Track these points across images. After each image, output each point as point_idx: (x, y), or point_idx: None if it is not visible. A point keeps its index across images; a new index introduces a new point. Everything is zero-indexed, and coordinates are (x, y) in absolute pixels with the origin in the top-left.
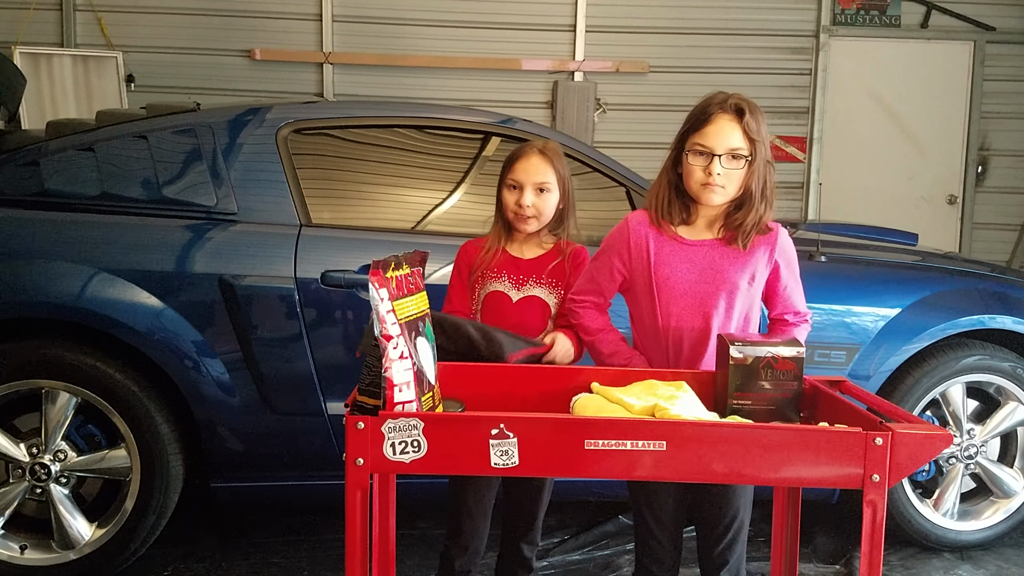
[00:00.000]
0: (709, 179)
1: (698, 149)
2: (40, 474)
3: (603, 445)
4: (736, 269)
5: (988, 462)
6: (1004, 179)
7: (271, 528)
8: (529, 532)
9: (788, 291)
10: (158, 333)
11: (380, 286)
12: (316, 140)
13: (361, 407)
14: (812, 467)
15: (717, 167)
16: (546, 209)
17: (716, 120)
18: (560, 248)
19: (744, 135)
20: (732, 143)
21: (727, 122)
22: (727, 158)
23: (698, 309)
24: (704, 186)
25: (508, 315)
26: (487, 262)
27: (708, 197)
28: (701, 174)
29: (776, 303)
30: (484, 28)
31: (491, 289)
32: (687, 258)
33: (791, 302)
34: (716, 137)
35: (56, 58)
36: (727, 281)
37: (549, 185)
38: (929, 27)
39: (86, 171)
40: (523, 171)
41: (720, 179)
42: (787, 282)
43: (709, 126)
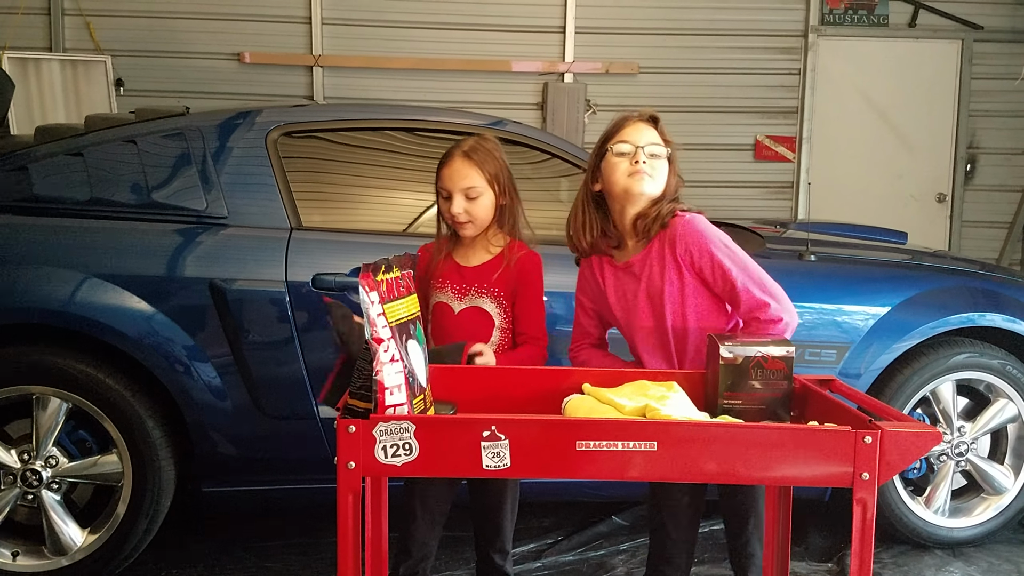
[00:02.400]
0: (636, 167)
1: (620, 148)
2: (31, 480)
3: (594, 446)
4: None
5: (979, 459)
6: (993, 177)
7: (264, 532)
8: (496, 541)
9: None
10: (149, 338)
11: (370, 289)
12: (306, 143)
13: (352, 410)
14: (802, 466)
15: (642, 156)
16: (480, 213)
17: (632, 124)
18: (507, 252)
19: (661, 136)
20: (651, 139)
21: (643, 124)
22: (649, 153)
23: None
24: (632, 175)
25: (451, 327)
26: (433, 270)
27: (638, 185)
28: (627, 165)
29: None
30: (474, 30)
31: (436, 300)
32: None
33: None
34: (635, 135)
35: (44, 63)
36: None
37: (477, 189)
38: (917, 26)
39: (75, 176)
40: (448, 179)
41: (647, 168)
42: (719, 275)
43: (626, 129)
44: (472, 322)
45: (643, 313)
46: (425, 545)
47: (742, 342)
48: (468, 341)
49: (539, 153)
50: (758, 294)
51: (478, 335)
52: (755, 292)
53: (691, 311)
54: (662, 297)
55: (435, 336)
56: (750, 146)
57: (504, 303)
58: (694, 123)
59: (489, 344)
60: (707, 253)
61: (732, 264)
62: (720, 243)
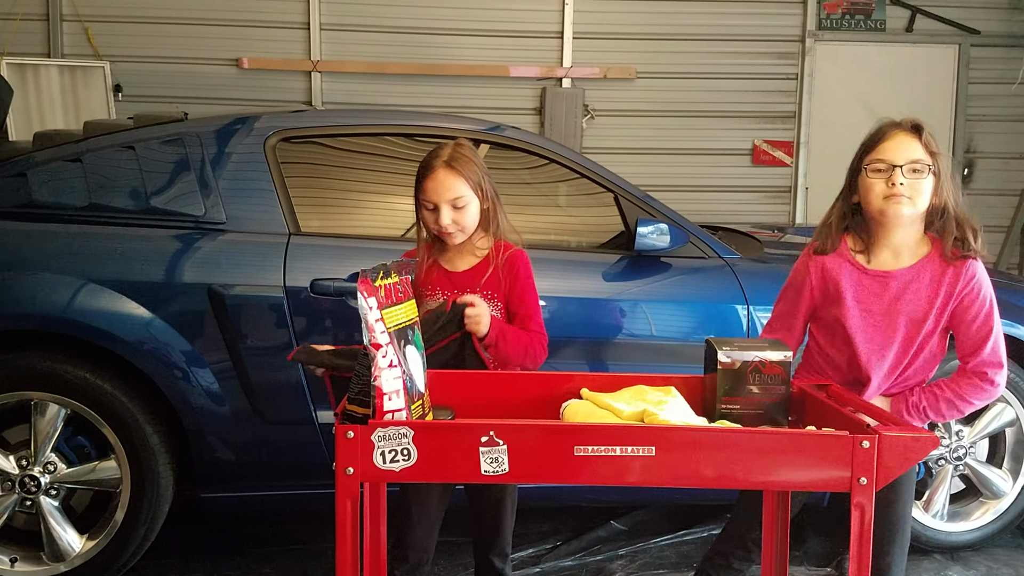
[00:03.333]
0: (892, 190)
1: (877, 165)
2: (30, 486)
3: (592, 451)
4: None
5: (977, 463)
6: (990, 181)
7: (262, 538)
8: (496, 544)
9: (986, 331)
10: (147, 343)
11: (368, 295)
12: (304, 149)
13: (351, 416)
14: (800, 471)
15: (899, 177)
16: (467, 221)
17: (892, 135)
18: (495, 254)
19: (924, 149)
20: (912, 155)
21: (903, 137)
22: (908, 170)
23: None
24: (888, 198)
25: None
26: (420, 278)
27: (895, 209)
28: (883, 186)
29: None
30: (472, 35)
31: (428, 308)
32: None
33: (982, 347)
34: (895, 150)
35: (43, 68)
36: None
37: (464, 199)
38: (914, 31)
39: (74, 182)
40: (433, 191)
41: (904, 189)
42: (983, 320)
43: (885, 142)
44: None
45: (890, 330)
46: (422, 550)
47: (740, 347)
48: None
49: (537, 158)
50: (1000, 353)
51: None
52: (998, 350)
53: (927, 343)
54: (921, 322)
55: None
56: (748, 151)
57: (498, 304)
58: (692, 128)
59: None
60: (985, 296)
61: (996, 317)
62: (993, 293)
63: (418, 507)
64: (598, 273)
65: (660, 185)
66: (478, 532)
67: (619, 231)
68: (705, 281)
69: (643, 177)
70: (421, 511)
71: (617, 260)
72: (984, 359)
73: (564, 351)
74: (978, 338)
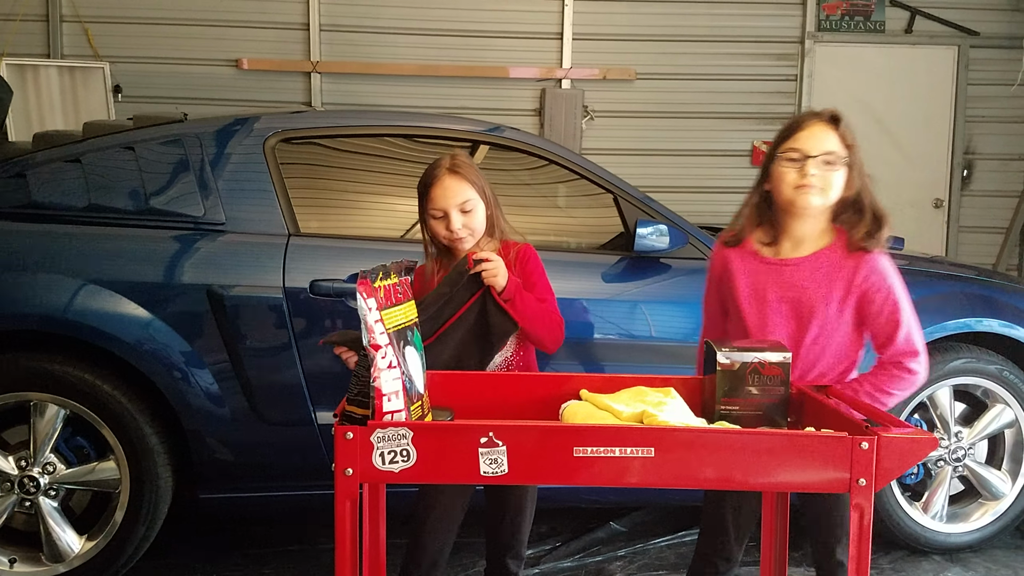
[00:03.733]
0: (803, 180)
1: (791, 155)
2: (29, 487)
3: (592, 452)
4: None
5: (976, 464)
6: (989, 183)
7: (261, 539)
8: (513, 546)
9: (894, 323)
10: (146, 344)
11: (368, 296)
12: (304, 149)
13: (350, 417)
14: (799, 472)
15: (812, 168)
16: (476, 224)
17: (808, 126)
18: (504, 254)
19: (840, 141)
20: (827, 146)
21: (819, 128)
22: (821, 162)
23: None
24: (798, 188)
25: None
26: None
27: (804, 200)
28: (795, 176)
29: None
30: (472, 36)
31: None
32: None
33: (895, 337)
34: (810, 140)
35: (43, 69)
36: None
37: (472, 202)
38: (913, 32)
39: (73, 183)
40: (441, 198)
41: (816, 180)
42: (888, 310)
43: (801, 132)
44: None
45: (781, 317)
46: (438, 552)
47: (739, 348)
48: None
49: (536, 159)
50: (914, 341)
51: None
52: (912, 338)
53: (834, 336)
54: (813, 311)
55: None
56: (747, 152)
57: None
58: (691, 129)
59: (504, 350)
60: (888, 286)
61: (904, 307)
62: (900, 281)
63: (439, 510)
64: (597, 274)
65: (659, 186)
66: (493, 534)
67: (618, 232)
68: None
69: (642, 178)
70: (442, 514)
71: (616, 261)
72: (898, 349)
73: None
74: (888, 329)
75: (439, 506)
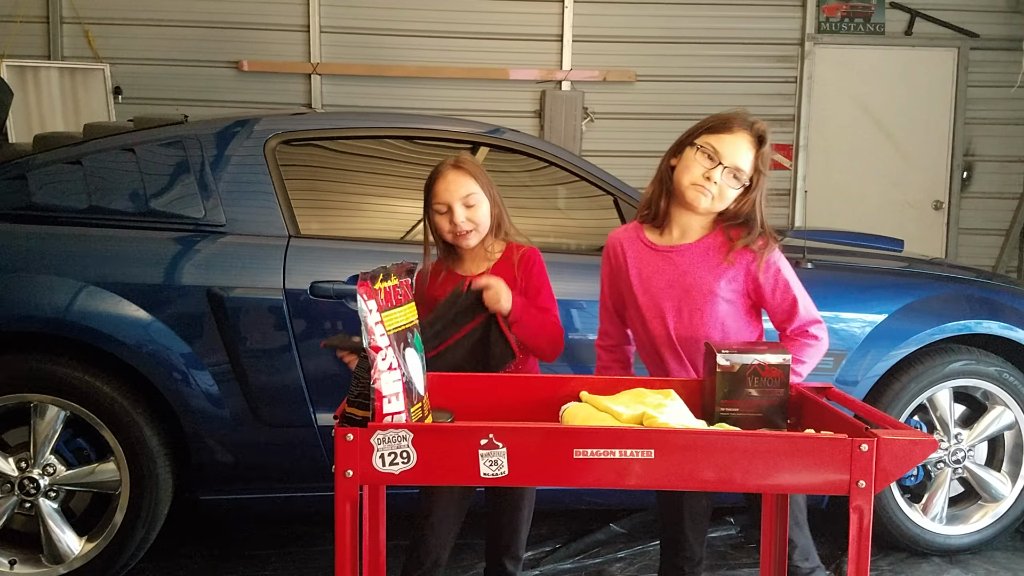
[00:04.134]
0: (703, 181)
1: (707, 151)
2: (29, 488)
3: (592, 454)
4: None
5: (976, 466)
6: (989, 184)
7: (261, 540)
8: (511, 546)
9: (790, 299)
10: (147, 346)
11: (368, 298)
12: (304, 151)
13: (350, 419)
14: (799, 474)
15: (718, 174)
16: (481, 219)
17: (736, 132)
18: (509, 256)
19: (754, 162)
20: (741, 162)
21: (744, 140)
22: (728, 174)
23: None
24: (694, 186)
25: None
26: (436, 289)
27: (695, 197)
28: (697, 174)
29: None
30: (472, 38)
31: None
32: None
33: (795, 311)
34: (731, 147)
35: (43, 71)
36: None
37: (476, 196)
38: (913, 34)
39: (74, 184)
40: (446, 191)
41: (713, 188)
42: (780, 287)
43: (726, 134)
44: None
45: (671, 303)
46: (438, 554)
47: (739, 350)
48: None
49: (536, 161)
50: (812, 311)
51: None
52: (810, 308)
53: (727, 320)
54: (703, 294)
55: None
56: None
57: None
58: None
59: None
60: (774, 264)
61: (794, 283)
62: (786, 262)
63: (440, 511)
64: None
65: None
66: (492, 534)
67: None
68: None
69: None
70: (443, 515)
71: None
72: (802, 320)
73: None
74: (786, 305)
75: (440, 507)
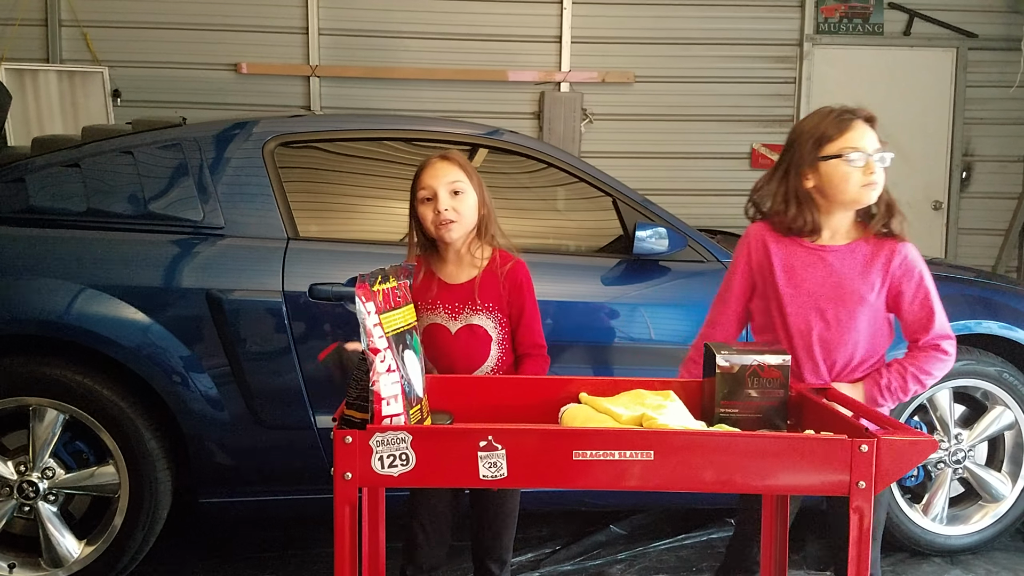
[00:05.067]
0: (870, 178)
1: (850, 153)
2: (28, 492)
3: (591, 455)
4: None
5: (976, 466)
6: (988, 184)
7: (261, 543)
8: (494, 550)
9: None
10: (145, 349)
11: (366, 300)
12: (303, 153)
13: (349, 421)
14: (799, 474)
15: (876, 165)
16: (465, 210)
17: (856, 126)
18: (493, 265)
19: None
20: (875, 144)
21: (865, 127)
22: (876, 159)
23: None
24: (865, 187)
25: (449, 348)
26: (417, 291)
27: (869, 196)
28: (860, 175)
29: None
30: (470, 40)
31: (428, 322)
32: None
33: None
34: (863, 139)
35: (41, 74)
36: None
37: (462, 185)
38: (912, 35)
39: (72, 187)
40: (432, 177)
41: (878, 176)
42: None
43: (851, 132)
44: (469, 341)
45: (824, 301)
46: (434, 555)
47: (738, 350)
48: (460, 359)
49: (535, 162)
50: (947, 327)
51: (476, 353)
52: (946, 324)
53: (869, 320)
54: (855, 296)
55: (432, 358)
56: (746, 154)
57: (500, 316)
58: (690, 132)
59: (488, 361)
60: (919, 274)
61: (934, 292)
62: (928, 272)
63: (430, 513)
64: (596, 277)
65: (658, 189)
66: (477, 536)
67: (617, 235)
68: (704, 285)
69: (641, 181)
70: (432, 515)
71: (615, 264)
72: (936, 333)
73: (563, 356)
74: (923, 315)
75: (432, 509)
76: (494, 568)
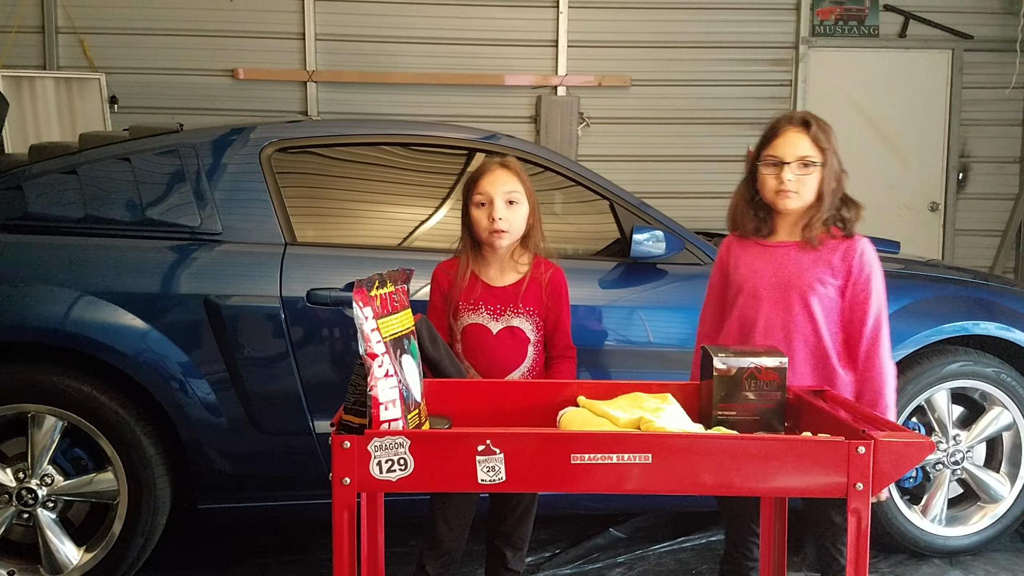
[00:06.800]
0: (782, 186)
1: (769, 160)
2: (27, 499)
3: (589, 459)
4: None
5: (975, 467)
6: (985, 186)
7: (260, 549)
8: (513, 538)
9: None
10: (144, 355)
11: (364, 305)
12: (300, 159)
13: (347, 426)
14: (797, 477)
15: (788, 174)
16: (517, 222)
17: (784, 132)
18: (537, 271)
19: (813, 144)
20: (800, 152)
21: (795, 134)
22: (797, 166)
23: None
24: (779, 193)
25: (489, 348)
26: (461, 291)
27: (783, 204)
28: (774, 182)
29: None
30: (467, 44)
31: (469, 322)
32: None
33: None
34: (785, 147)
35: (39, 81)
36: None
37: (518, 196)
38: (907, 36)
39: (69, 194)
40: (490, 184)
41: (792, 185)
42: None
43: (778, 139)
44: (509, 342)
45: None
46: (453, 548)
47: (736, 353)
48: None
49: (532, 166)
50: (882, 333)
51: (515, 354)
52: (882, 329)
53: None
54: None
55: (471, 357)
56: (742, 157)
57: (537, 320)
58: (686, 135)
59: (526, 361)
60: (869, 277)
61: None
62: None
63: (455, 509)
64: (594, 280)
65: (655, 192)
66: (496, 526)
67: (615, 238)
68: (701, 288)
69: (638, 184)
70: (457, 513)
71: (613, 267)
72: (871, 333)
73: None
74: (860, 313)
75: (455, 504)
76: (508, 553)
